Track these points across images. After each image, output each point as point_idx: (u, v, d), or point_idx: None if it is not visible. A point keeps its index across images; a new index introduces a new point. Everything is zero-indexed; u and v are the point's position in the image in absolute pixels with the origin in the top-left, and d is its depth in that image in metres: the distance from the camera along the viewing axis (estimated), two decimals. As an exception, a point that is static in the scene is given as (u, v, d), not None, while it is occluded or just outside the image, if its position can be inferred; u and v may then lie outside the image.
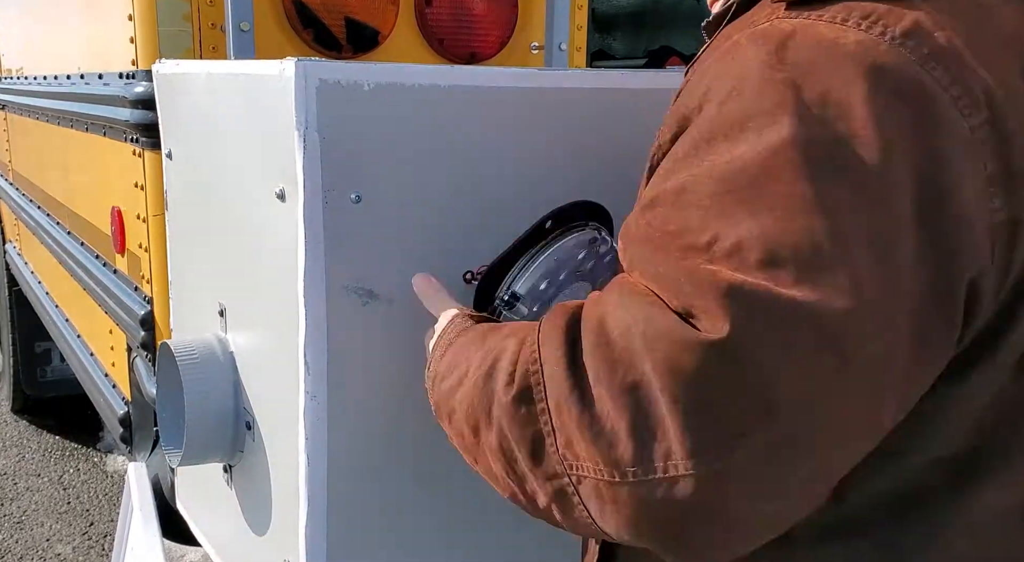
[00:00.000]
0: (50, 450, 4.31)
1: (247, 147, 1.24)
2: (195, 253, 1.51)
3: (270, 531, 1.29)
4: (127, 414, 2.30)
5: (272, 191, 1.14)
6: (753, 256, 0.68)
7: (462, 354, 0.93)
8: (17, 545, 3.48)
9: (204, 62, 1.70)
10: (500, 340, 0.88)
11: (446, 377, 0.93)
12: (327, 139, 1.08)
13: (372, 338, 1.17)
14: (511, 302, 1.17)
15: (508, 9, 1.96)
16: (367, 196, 1.12)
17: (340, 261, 1.12)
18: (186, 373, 1.32)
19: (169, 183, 1.59)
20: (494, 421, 0.82)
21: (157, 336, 1.93)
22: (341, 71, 1.09)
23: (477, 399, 0.85)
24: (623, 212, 1.32)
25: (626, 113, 1.29)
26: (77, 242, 2.71)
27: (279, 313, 1.17)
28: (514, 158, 1.22)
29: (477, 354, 0.89)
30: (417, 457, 1.24)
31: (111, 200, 2.21)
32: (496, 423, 0.82)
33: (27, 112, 3.30)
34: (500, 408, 0.81)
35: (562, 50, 2.02)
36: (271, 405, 1.25)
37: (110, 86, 2.07)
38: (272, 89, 1.12)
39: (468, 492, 1.29)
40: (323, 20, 1.81)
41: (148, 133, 1.81)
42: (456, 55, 1.94)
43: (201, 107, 1.39)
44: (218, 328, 1.39)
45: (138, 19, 1.83)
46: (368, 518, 1.22)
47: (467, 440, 0.88)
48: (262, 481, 1.29)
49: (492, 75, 1.20)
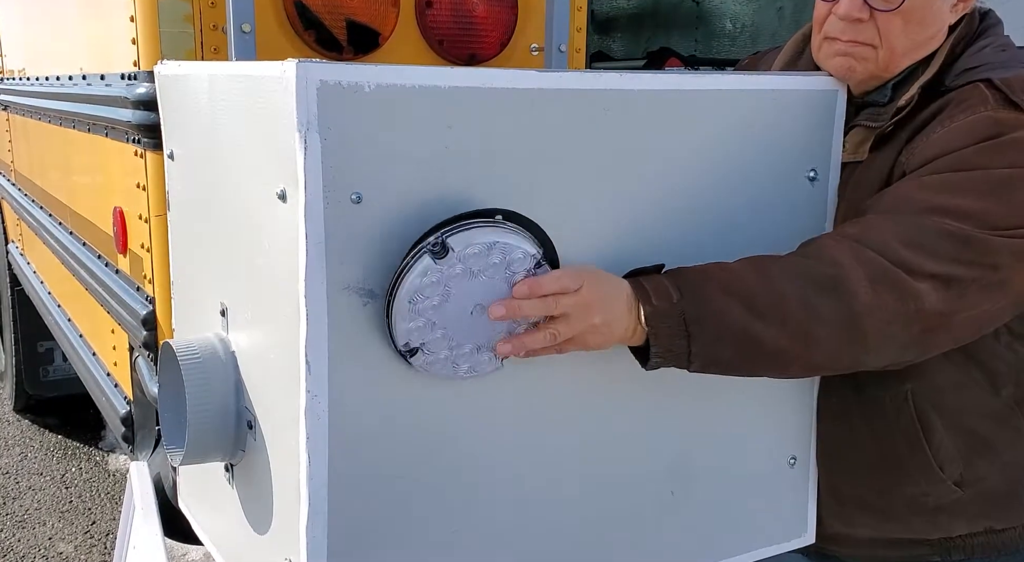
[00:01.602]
0: (52, 449, 4.31)
1: (248, 148, 1.24)
2: (197, 253, 1.52)
3: (271, 530, 1.29)
4: (129, 413, 2.30)
5: (273, 191, 1.15)
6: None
7: (715, 270, 1.30)
8: (20, 544, 3.49)
9: (206, 63, 1.70)
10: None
11: (719, 287, 1.26)
12: (328, 140, 1.09)
13: (372, 338, 1.17)
14: (414, 351, 1.17)
15: (508, 11, 1.96)
16: (367, 196, 1.13)
17: (341, 261, 1.13)
18: (188, 373, 1.32)
19: (171, 184, 1.60)
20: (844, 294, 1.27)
21: (159, 336, 1.93)
22: (342, 72, 1.09)
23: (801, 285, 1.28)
24: (618, 209, 1.33)
25: (625, 114, 1.30)
26: (79, 242, 2.72)
27: (280, 313, 1.18)
28: (514, 159, 1.23)
29: (757, 266, 1.31)
30: (418, 456, 1.25)
31: (113, 200, 2.21)
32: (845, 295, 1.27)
33: (29, 113, 3.31)
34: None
35: (562, 52, 2.02)
36: (272, 404, 1.26)
37: (112, 87, 2.08)
38: (273, 90, 1.13)
39: (469, 490, 1.30)
40: (324, 21, 1.82)
41: (150, 134, 1.81)
42: (456, 56, 1.94)
43: (203, 108, 1.39)
44: (220, 328, 1.40)
45: (140, 20, 1.84)
46: (369, 517, 1.22)
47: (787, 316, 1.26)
48: (263, 480, 1.29)
49: (492, 76, 1.20)
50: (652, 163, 1.33)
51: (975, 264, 1.28)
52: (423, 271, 1.15)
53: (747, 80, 1.43)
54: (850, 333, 1.27)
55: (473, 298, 1.19)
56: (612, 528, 1.43)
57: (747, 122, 1.40)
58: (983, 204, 1.29)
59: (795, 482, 1.58)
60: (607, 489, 1.42)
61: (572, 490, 1.38)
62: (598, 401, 1.37)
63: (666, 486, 1.46)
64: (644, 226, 1.34)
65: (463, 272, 1.17)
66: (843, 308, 1.25)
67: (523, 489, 1.34)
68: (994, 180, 1.31)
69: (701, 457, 1.48)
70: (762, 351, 1.26)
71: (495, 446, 1.30)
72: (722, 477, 1.51)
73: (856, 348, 1.29)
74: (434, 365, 1.20)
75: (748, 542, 1.58)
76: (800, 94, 1.45)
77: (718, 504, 1.52)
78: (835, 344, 1.27)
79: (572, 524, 1.39)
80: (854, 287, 1.25)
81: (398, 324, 1.15)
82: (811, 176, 1.48)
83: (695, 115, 1.36)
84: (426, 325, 1.17)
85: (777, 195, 1.45)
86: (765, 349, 1.26)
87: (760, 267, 1.29)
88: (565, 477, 1.37)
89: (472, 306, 1.19)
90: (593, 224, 1.30)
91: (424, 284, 1.15)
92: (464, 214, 1.18)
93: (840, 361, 1.32)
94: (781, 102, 1.44)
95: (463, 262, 1.16)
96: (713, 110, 1.37)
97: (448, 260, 1.15)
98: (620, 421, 1.39)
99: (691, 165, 1.37)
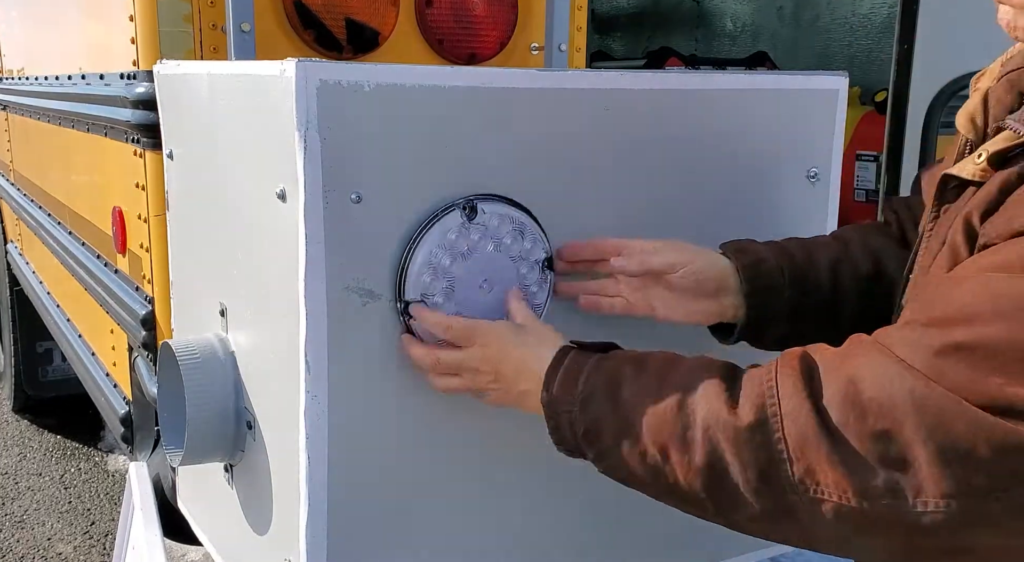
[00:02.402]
0: (51, 449, 4.31)
1: (248, 147, 1.24)
2: (196, 253, 1.52)
3: (271, 530, 1.29)
4: (128, 414, 2.30)
5: (273, 191, 1.15)
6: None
7: (629, 375, 1.04)
8: (19, 544, 3.49)
9: (205, 63, 1.70)
10: (693, 372, 0.99)
11: (612, 395, 1.03)
12: (327, 139, 1.09)
13: (372, 338, 1.17)
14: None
15: (508, 10, 1.96)
16: (367, 196, 1.12)
17: (340, 261, 1.12)
18: (187, 373, 1.32)
19: (170, 183, 1.59)
20: (707, 442, 0.93)
21: (158, 336, 1.93)
22: (341, 71, 1.09)
23: (673, 422, 0.96)
24: (619, 209, 1.33)
25: (625, 114, 1.30)
26: (78, 242, 2.71)
27: (280, 313, 1.17)
28: (514, 158, 1.23)
29: (662, 382, 1.00)
30: (418, 456, 1.24)
31: (112, 200, 2.21)
32: (710, 444, 0.93)
33: (28, 112, 3.30)
34: (727, 432, 0.92)
35: (562, 51, 2.02)
36: (272, 405, 1.26)
37: (111, 86, 2.08)
38: (273, 89, 1.13)
39: (469, 491, 1.30)
40: (324, 21, 1.81)
41: (149, 133, 1.81)
42: (456, 56, 1.94)
43: (202, 108, 1.39)
44: (219, 328, 1.39)
45: (139, 20, 1.84)
46: (369, 517, 1.22)
47: (649, 456, 0.99)
48: (263, 480, 1.29)
49: (492, 75, 1.20)
50: (652, 162, 1.33)
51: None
52: (449, 227, 1.17)
53: (747, 79, 1.43)
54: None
55: (484, 272, 1.20)
56: (612, 528, 1.43)
57: (747, 121, 1.40)
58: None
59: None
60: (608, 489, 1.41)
61: (573, 490, 1.38)
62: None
63: (667, 486, 1.46)
64: (644, 226, 1.34)
65: (482, 238, 1.19)
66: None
67: (523, 489, 1.34)
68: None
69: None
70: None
71: (495, 446, 1.30)
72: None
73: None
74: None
75: (748, 542, 1.57)
76: (801, 93, 1.45)
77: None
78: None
79: (572, 524, 1.39)
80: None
81: (411, 275, 1.16)
82: (812, 176, 1.47)
83: (695, 114, 1.35)
84: (436, 281, 1.17)
85: (778, 195, 1.45)
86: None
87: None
88: (565, 477, 1.37)
89: (481, 279, 1.20)
90: (593, 223, 1.30)
91: (446, 240, 1.17)
92: (490, 194, 1.21)
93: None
94: (782, 101, 1.43)
95: (487, 228, 1.19)
96: (713, 109, 1.37)
97: (475, 222, 1.18)
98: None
99: (691, 164, 1.37)
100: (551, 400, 1.07)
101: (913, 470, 0.82)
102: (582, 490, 1.39)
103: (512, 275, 1.23)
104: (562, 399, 1.06)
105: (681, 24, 6.48)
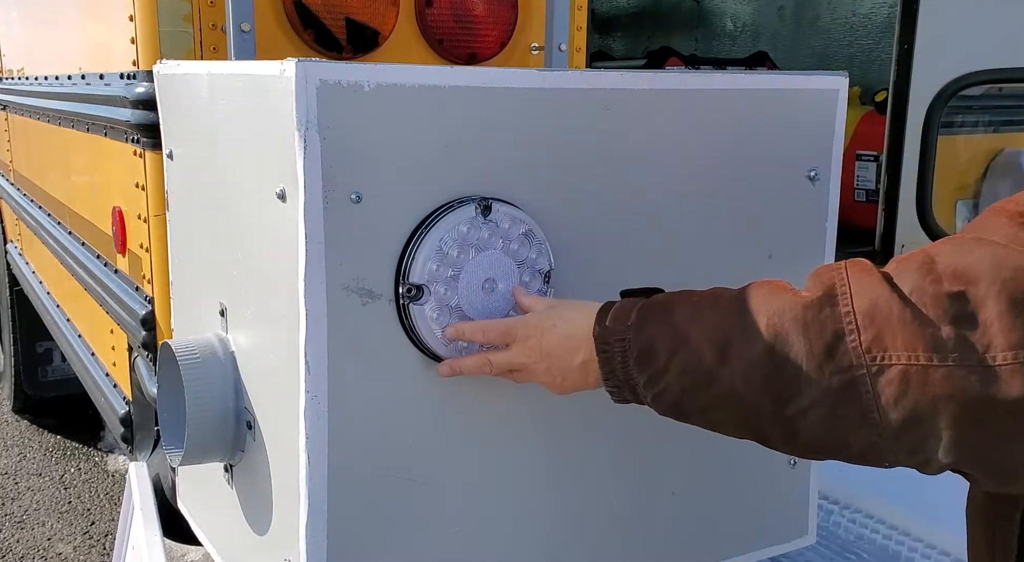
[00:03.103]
0: (51, 450, 4.31)
1: (248, 147, 1.24)
2: (196, 253, 1.52)
3: (271, 530, 1.29)
4: (128, 414, 2.30)
5: (273, 191, 1.15)
6: None
7: (682, 300, 1.04)
8: (18, 544, 3.49)
9: (205, 63, 1.70)
10: (750, 286, 0.98)
11: (666, 317, 1.02)
12: (327, 139, 1.09)
13: (372, 338, 1.17)
14: (415, 295, 1.18)
15: (508, 10, 1.96)
16: (367, 196, 1.12)
17: (340, 261, 1.12)
18: (187, 373, 1.32)
19: (170, 183, 1.59)
20: (770, 328, 0.92)
21: (158, 336, 1.93)
22: (341, 71, 1.09)
23: (734, 319, 0.95)
24: (619, 209, 1.33)
25: (625, 114, 1.30)
26: (78, 242, 2.71)
27: (280, 313, 1.17)
28: (514, 158, 1.23)
29: (718, 299, 1.00)
30: (418, 456, 1.24)
31: (112, 200, 2.21)
32: (773, 330, 0.91)
33: (28, 112, 3.30)
34: (793, 312, 0.91)
35: (562, 51, 2.02)
36: (272, 405, 1.26)
37: (111, 86, 2.08)
38: (273, 89, 1.13)
39: (469, 490, 1.30)
40: (324, 21, 1.81)
41: (149, 133, 1.81)
42: (456, 55, 1.94)
43: (202, 107, 1.39)
44: (219, 328, 1.39)
45: (139, 20, 1.84)
46: (368, 517, 1.22)
47: (705, 360, 0.97)
48: (263, 480, 1.29)
49: (492, 75, 1.20)
50: (652, 162, 1.33)
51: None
52: (462, 219, 1.17)
53: (747, 79, 1.43)
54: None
55: (489, 271, 1.21)
56: (612, 528, 1.43)
57: (748, 121, 1.40)
58: None
59: (796, 482, 1.58)
60: (608, 489, 1.41)
61: (573, 490, 1.38)
62: (599, 401, 1.37)
63: (667, 486, 1.46)
64: (644, 225, 1.34)
65: (492, 236, 1.20)
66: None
67: (523, 489, 1.34)
68: None
69: (702, 457, 1.48)
70: (718, 397, 0.98)
71: (495, 445, 1.30)
72: (723, 478, 1.51)
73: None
74: (428, 317, 1.19)
75: (749, 542, 1.57)
76: (801, 93, 1.45)
77: (719, 505, 1.52)
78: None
79: (572, 524, 1.39)
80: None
81: (417, 261, 1.16)
82: (812, 175, 1.47)
83: (696, 114, 1.35)
84: (442, 268, 1.18)
85: (778, 195, 1.45)
86: (722, 395, 0.98)
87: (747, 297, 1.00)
88: (566, 477, 1.37)
89: (484, 278, 1.21)
90: (593, 223, 1.30)
91: (458, 232, 1.17)
92: (503, 199, 1.22)
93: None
94: (782, 101, 1.43)
95: (498, 227, 1.20)
96: (713, 109, 1.37)
97: (488, 220, 1.19)
98: (621, 421, 1.39)
99: (692, 164, 1.37)
100: (603, 331, 1.06)
101: (984, 324, 0.81)
102: (582, 491, 1.39)
103: (515, 280, 1.23)
104: (614, 328, 1.05)
105: (681, 24, 6.48)
